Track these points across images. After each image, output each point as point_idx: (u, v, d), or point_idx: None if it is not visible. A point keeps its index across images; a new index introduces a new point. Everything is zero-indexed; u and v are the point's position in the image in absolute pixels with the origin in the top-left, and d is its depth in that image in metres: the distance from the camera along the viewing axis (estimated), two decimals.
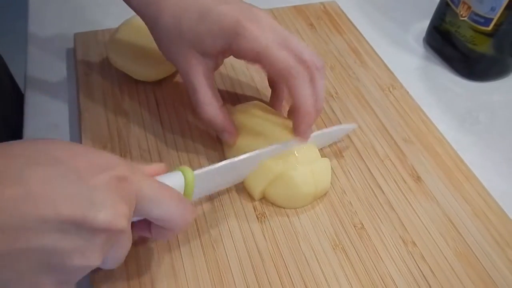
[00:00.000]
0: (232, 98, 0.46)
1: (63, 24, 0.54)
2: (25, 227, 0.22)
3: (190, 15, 0.35)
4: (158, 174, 0.31)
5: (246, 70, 0.48)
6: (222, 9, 0.35)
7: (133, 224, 0.29)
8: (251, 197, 0.37)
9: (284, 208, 0.37)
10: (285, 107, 0.43)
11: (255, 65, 0.36)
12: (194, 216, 0.31)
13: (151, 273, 0.32)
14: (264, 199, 0.37)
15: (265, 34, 0.34)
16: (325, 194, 0.38)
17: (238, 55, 0.36)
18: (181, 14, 0.35)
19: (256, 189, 0.36)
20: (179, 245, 0.34)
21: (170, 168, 0.32)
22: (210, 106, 0.37)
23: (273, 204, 0.37)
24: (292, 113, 0.37)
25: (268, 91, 0.43)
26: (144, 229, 0.30)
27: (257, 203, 0.37)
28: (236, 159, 0.35)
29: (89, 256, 0.24)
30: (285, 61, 0.34)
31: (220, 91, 0.46)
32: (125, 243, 0.27)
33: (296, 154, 0.37)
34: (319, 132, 0.39)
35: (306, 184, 0.36)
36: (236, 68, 0.48)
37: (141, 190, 0.27)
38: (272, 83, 0.42)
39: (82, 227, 0.23)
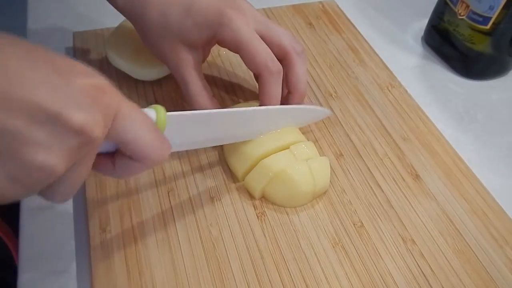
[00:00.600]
0: (231, 98, 0.46)
1: (62, 22, 0.53)
2: None
3: (176, 9, 0.36)
4: None
5: (247, 71, 0.48)
6: (206, 0, 0.36)
7: (95, 158, 0.26)
8: (251, 196, 0.37)
9: (283, 207, 0.37)
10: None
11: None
12: (169, 151, 0.28)
13: (152, 271, 0.33)
14: (264, 198, 0.37)
15: (247, 25, 0.36)
16: (324, 193, 0.38)
17: (221, 45, 0.38)
18: (167, 9, 0.36)
19: (256, 188, 0.37)
20: (179, 244, 0.34)
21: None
22: (201, 97, 0.38)
23: (273, 203, 0.37)
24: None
25: None
26: (106, 165, 0.28)
27: (257, 202, 0.37)
28: (214, 110, 0.34)
29: (54, 156, 0.22)
30: (262, 56, 0.36)
31: (219, 91, 0.46)
32: (89, 161, 0.24)
33: (295, 153, 0.37)
34: (290, 106, 0.39)
35: (305, 183, 0.36)
36: (235, 67, 0.48)
37: (119, 108, 0.25)
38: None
39: (55, 122, 0.21)
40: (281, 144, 0.37)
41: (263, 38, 0.37)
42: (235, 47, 0.36)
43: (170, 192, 0.37)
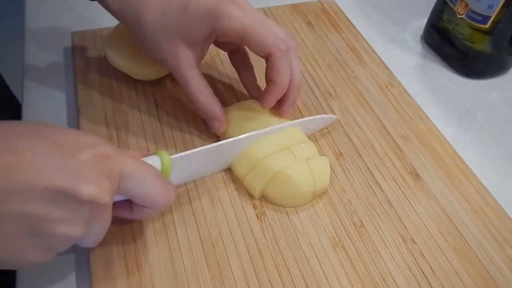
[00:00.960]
0: (230, 98, 0.46)
1: (60, 22, 0.53)
2: (16, 193, 0.23)
3: (173, 9, 0.36)
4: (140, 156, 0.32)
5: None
6: None
7: (114, 205, 0.29)
8: (251, 196, 0.37)
9: (283, 206, 0.37)
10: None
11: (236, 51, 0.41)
12: (175, 194, 0.31)
13: (151, 272, 0.32)
14: (264, 197, 0.37)
15: (245, 14, 0.36)
16: (324, 193, 0.38)
17: (222, 37, 0.37)
18: (164, 10, 0.36)
19: (256, 188, 0.36)
20: (179, 244, 0.34)
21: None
22: (203, 95, 0.38)
23: (272, 203, 0.37)
24: (271, 92, 0.38)
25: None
26: (125, 209, 0.32)
27: (256, 202, 0.37)
28: (213, 145, 0.36)
29: (74, 226, 0.25)
30: (270, 37, 0.36)
31: (218, 91, 0.46)
32: (106, 219, 0.28)
33: (294, 152, 0.37)
34: (300, 120, 0.40)
35: (305, 183, 0.36)
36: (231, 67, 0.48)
37: (124, 168, 0.28)
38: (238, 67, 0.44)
39: (70, 198, 0.25)
40: (284, 146, 0.37)
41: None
42: (239, 36, 0.36)
43: None
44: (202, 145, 0.41)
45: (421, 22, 0.56)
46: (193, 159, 0.35)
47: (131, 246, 0.34)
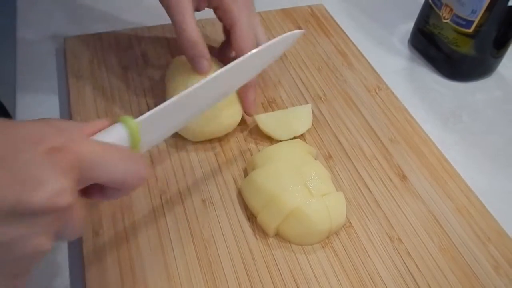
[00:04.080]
0: None
1: (52, 26, 0.54)
2: None
3: None
4: (101, 129, 0.27)
5: None
6: None
7: (83, 190, 0.26)
8: (265, 234, 0.36)
9: (298, 245, 0.35)
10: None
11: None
12: (147, 170, 0.27)
13: (145, 273, 0.33)
14: (278, 235, 0.36)
15: None
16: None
17: (219, 12, 0.42)
18: None
19: (271, 226, 0.35)
20: (172, 245, 0.35)
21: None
22: (196, 32, 0.40)
23: (288, 241, 0.35)
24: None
25: None
26: (95, 193, 0.27)
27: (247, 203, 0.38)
28: (179, 95, 0.31)
29: (37, 242, 0.22)
30: (250, 43, 0.40)
31: None
32: (77, 217, 0.24)
33: (310, 187, 0.35)
34: (260, 48, 0.37)
35: (321, 221, 0.35)
36: None
37: (82, 157, 0.23)
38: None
39: (19, 213, 0.21)
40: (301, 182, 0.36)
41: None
42: (230, 22, 0.41)
43: (162, 195, 0.38)
44: (195, 147, 0.41)
45: (408, 26, 0.57)
46: (163, 116, 0.31)
47: (125, 249, 0.34)
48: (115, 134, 0.27)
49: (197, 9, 0.42)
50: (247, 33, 0.41)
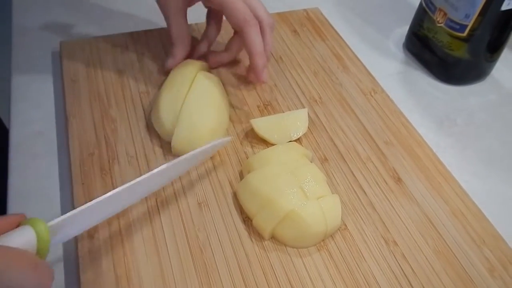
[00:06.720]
0: None
1: (48, 30, 0.54)
2: None
3: None
4: (12, 226, 0.26)
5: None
6: None
7: None
8: (261, 237, 0.36)
9: (293, 247, 0.36)
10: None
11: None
12: (51, 281, 0.26)
13: (140, 276, 0.33)
14: (273, 238, 0.36)
15: None
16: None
17: (206, 3, 0.45)
18: None
19: (266, 228, 0.35)
20: (167, 249, 0.35)
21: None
22: (179, 29, 0.44)
23: (282, 244, 0.36)
24: (252, 61, 0.44)
25: None
26: None
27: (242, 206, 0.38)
28: (102, 198, 0.30)
29: None
30: (242, 12, 0.42)
31: None
32: None
33: (305, 190, 0.36)
34: (194, 152, 0.37)
35: (316, 224, 0.35)
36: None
37: None
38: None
39: None
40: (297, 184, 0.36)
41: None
42: (218, 5, 0.43)
43: (158, 198, 0.38)
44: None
45: (403, 30, 0.58)
46: (85, 214, 0.29)
47: (120, 252, 0.34)
48: (24, 237, 0.26)
49: (189, 4, 0.45)
50: (237, 4, 0.41)
